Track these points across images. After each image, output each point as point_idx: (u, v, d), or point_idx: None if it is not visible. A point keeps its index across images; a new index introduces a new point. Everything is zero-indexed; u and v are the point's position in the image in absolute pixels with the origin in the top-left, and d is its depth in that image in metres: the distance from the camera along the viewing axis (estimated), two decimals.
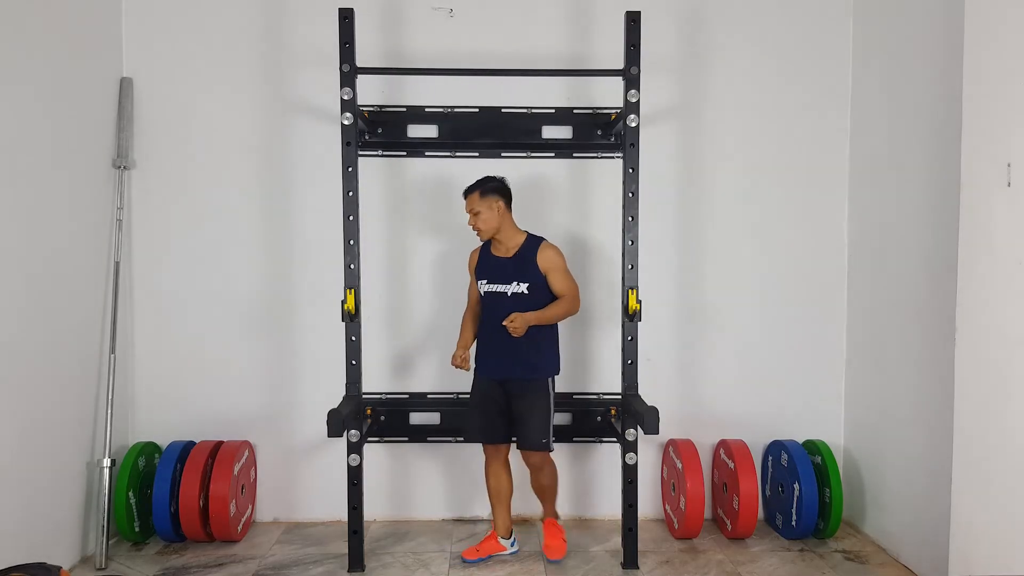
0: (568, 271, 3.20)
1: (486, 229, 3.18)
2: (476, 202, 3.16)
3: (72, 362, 3.24)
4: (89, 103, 3.39)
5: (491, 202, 3.16)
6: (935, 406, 3.02)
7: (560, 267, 3.16)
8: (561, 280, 3.15)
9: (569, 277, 3.19)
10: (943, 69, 2.99)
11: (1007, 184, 2.84)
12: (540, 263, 3.14)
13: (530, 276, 3.14)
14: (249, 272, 3.73)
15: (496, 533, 3.37)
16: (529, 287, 3.14)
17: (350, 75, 3.11)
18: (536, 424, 3.15)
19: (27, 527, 2.91)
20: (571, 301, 3.16)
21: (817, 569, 3.25)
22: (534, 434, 3.15)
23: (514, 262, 3.18)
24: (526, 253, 3.17)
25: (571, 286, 3.17)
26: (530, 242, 3.20)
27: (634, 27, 3.17)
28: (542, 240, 3.22)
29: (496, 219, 3.17)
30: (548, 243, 3.21)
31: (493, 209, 3.16)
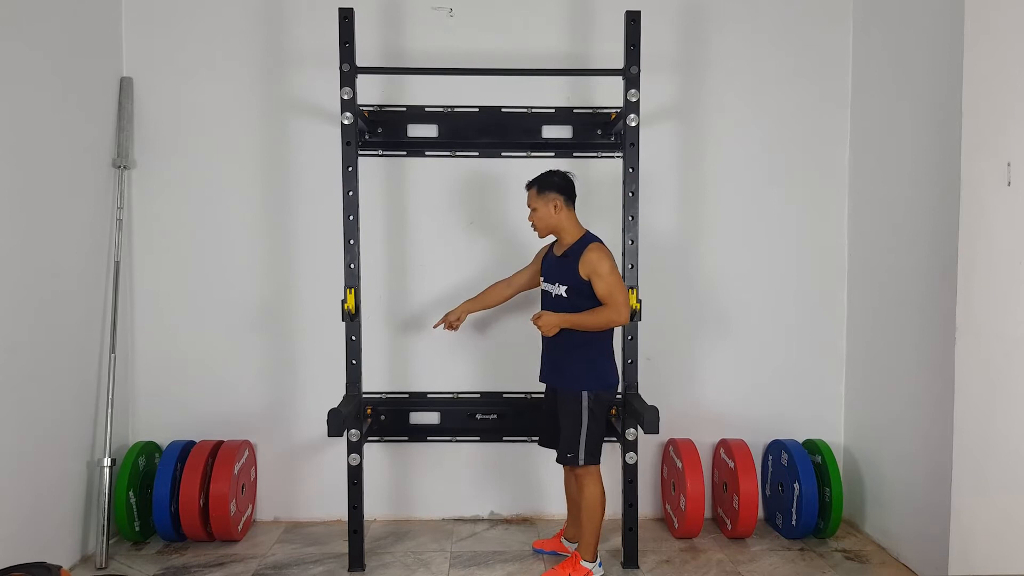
0: (615, 276, 2.92)
1: (541, 227, 3.06)
2: (533, 198, 3.03)
3: (72, 362, 3.24)
4: (89, 102, 3.39)
5: (549, 199, 3.00)
6: (935, 405, 3.02)
7: (602, 272, 2.89)
8: (604, 286, 2.89)
9: (614, 283, 2.90)
10: (943, 69, 2.99)
11: (1007, 183, 2.84)
12: (581, 267, 2.93)
13: (570, 279, 2.96)
14: (249, 271, 3.73)
15: (562, 531, 3.41)
16: (568, 290, 2.97)
17: (350, 75, 3.11)
18: (565, 437, 3.01)
19: (27, 527, 2.91)
20: (612, 310, 2.89)
21: (817, 568, 3.25)
22: (561, 447, 3.04)
23: (561, 262, 3.03)
24: (573, 254, 2.98)
25: (616, 294, 2.89)
26: (580, 243, 2.99)
27: (634, 27, 3.17)
28: (591, 242, 2.98)
29: (552, 217, 3.01)
30: (596, 245, 2.97)
31: (550, 206, 3.00)
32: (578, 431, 2.99)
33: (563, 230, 3.04)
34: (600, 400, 3.01)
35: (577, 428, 2.99)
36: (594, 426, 3.01)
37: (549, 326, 2.93)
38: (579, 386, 3.00)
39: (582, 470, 3.03)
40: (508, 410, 3.75)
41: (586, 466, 3.02)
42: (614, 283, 2.91)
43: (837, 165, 3.81)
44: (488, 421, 3.74)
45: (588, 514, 3.04)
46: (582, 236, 3.03)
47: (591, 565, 3.08)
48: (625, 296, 2.94)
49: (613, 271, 2.93)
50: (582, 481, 3.05)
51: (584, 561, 3.07)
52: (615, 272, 2.94)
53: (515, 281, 3.31)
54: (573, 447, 3.00)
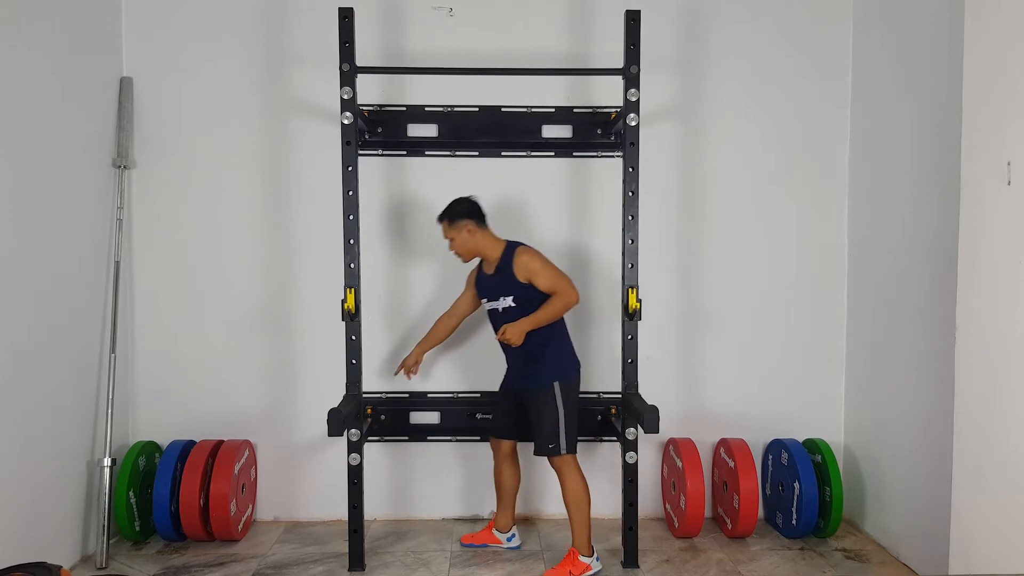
0: (550, 267, 3.09)
1: (463, 253, 3.19)
2: (447, 230, 3.17)
3: (72, 361, 3.24)
4: (89, 102, 3.39)
5: (461, 226, 3.13)
6: (935, 405, 3.02)
7: (538, 268, 3.06)
8: (545, 279, 3.06)
9: (553, 273, 3.07)
10: (943, 69, 2.99)
11: (1007, 183, 2.84)
12: (517, 273, 3.07)
13: (512, 288, 3.10)
14: (249, 271, 3.73)
15: (492, 524, 3.45)
16: (515, 299, 3.10)
17: (350, 74, 3.11)
18: (542, 430, 3.11)
19: (28, 526, 2.92)
20: (563, 296, 3.04)
21: (817, 568, 3.25)
22: (540, 441, 3.13)
23: (496, 277, 3.16)
24: (504, 267, 3.12)
25: (558, 281, 3.06)
26: (506, 253, 3.13)
27: (634, 26, 3.17)
28: (516, 248, 3.13)
29: (471, 241, 3.14)
30: (522, 248, 3.12)
31: (463, 232, 3.13)
32: (556, 422, 3.10)
33: (484, 249, 3.17)
34: (568, 387, 3.14)
35: (555, 419, 3.10)
36: (569, 413, 3.12)
37: (517, 336, 3.03)
38: (548, 379, 3.11)
39: (560, 461, 3.12)
40: None
41: (565, 456, 3.11)
42: (552, 272, 3.08)
43: (837, 165, 3.81)
44: (488, 420, 3.74)
45: (576, 507, 3.11)
46: (504, 247, 3.16)
47: (589, 559, 3.12)
48: (567, 279, 3.10)
49: (546, 262, 3.10)
50: (563, 473, 3.12)
51: (582, 556, 3.11)
52: (548, 262, 3.11)
53: (456, 310, 3.43)
54: (554, 438, 3.10)
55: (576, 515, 3.11)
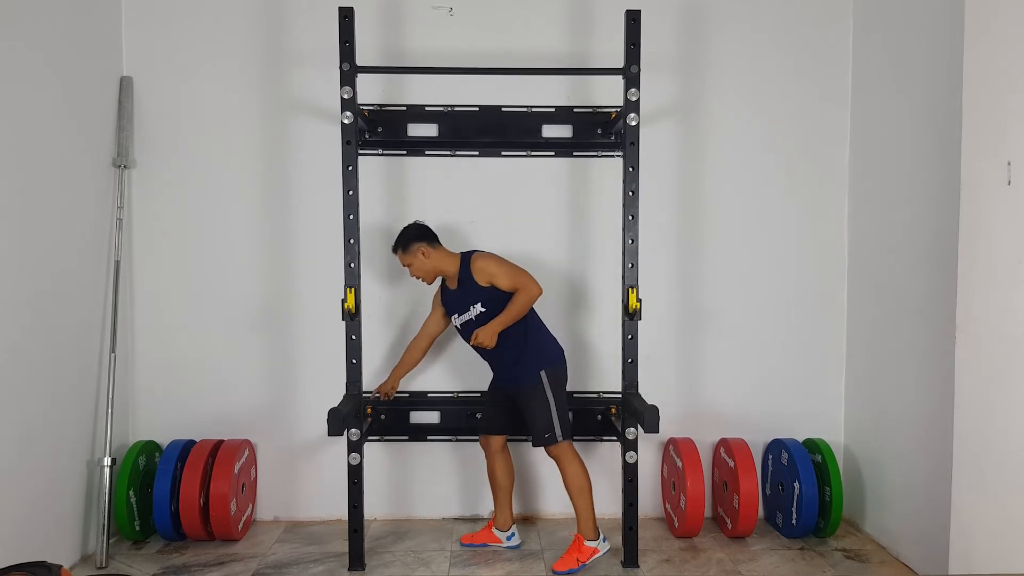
0: (506, 266, 3.13)
1: (424, 275, 3.23)
2: (403, 258, 3.23)
3: (72, 361, 3.24)
4: (89, 102, 3.39)
5: (415, 251, 3.18)
6: (935, 405, 3.02)
7: (496, 270, 3.11)
8: (505, 279, 3.10)
9: (511, 271, 3.11)
10: (943, 68, 2.99)
11: (1007, 183, 2.84)
12: (478, 279, 3.12)
13: (478, 295, 3.15)
14: (249, 270, 3.73)
15: (491, 523, 3.46)
16: (483, 303, 3.15)
17: (350, 74, 3.11)
18: (536, 422, 3.16)
19: (28, 526, 2.92)
20: (525, 290, 3.07)
21: (817, 568, 3.25)
22: (537, 432, 3.18)
23: (461, 290, 3.21)
24: (464, 276, 3.17)
25: (518, 278, 3.10)
26: (463, 264, 3.18)
27: (634, 26, 3.17)
28: (471, 256, 3.18)
29: (427, 264, 3.19)
30: (476, 255, 3.17)
31: (418, 256, 3.18)
32: (548, 410, 3.14)
33: (442, 266, 3.21)
34: (555, 374, 3.19)
35: (546, 408, 3.14)
36: (559, 399, 3.17)
37: (489, 337, 3.08)
38: (534, 371, 3.16)
39: (558, 449, 3.16)
40: None
41: (562, 444, 3.16)
42: (510, 270, 3.12)
43: (837, 165, 3.81)
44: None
45: (578, 493, 3.17)
46: (460, 259, 3.20)
47: (595, 543, 3.19)
48: (526, 273, 3.12)
49: (502, 262, 3.15)
50: (561, 461, 3.18)
51: (588, 541, 3.18)
52: (504, 262, 3.16)
53: (426, 332, 3.46)
54: (548, 427, 3.14)
55: (579, 501, 3.16)
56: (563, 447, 3.16)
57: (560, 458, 3.18)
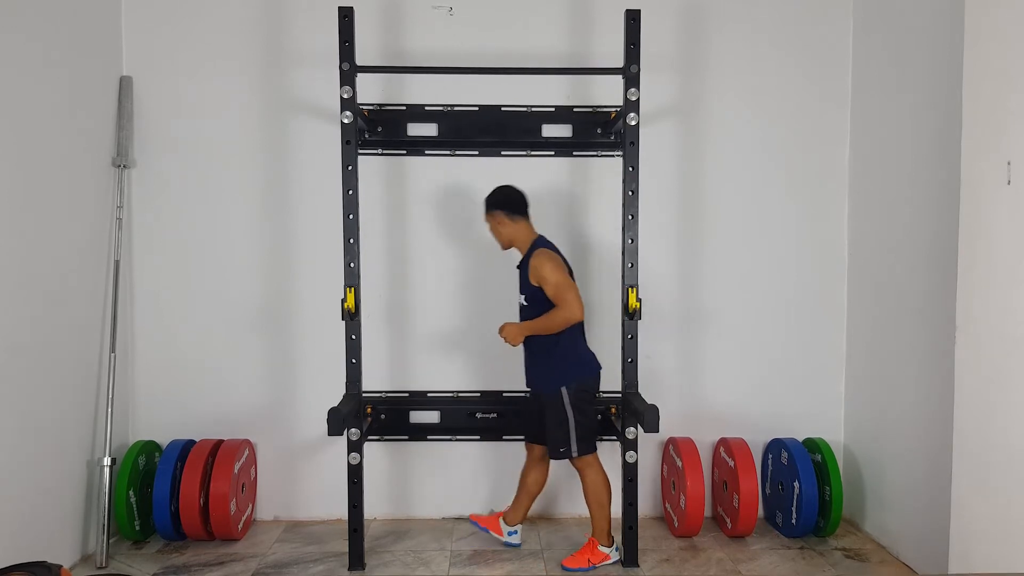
0: (559, 276, 3.02)
1: (500, 243, 3.23)
2: (485, 218, 3.22)
3: (72, 361, 3.24)
4: (89, 101, 3.38)
5: (494, 216, 3.17)
6: (935, 404, 3.02)
7: (547, 276, 3.01)
8: (550, 289, 3.02)
9: (560, 284, 3.01)
10: (943, 68, 2.99)
11: (1007, 182, 2.84)
12: (531, 275, 3.07)
13: (526, 288, 3.12)
14: (249, 270, 3.73)
15: (502, 514, 3.46)
16: (526, 298, 3.13)
17: (350, 73, 3.11)
18: (553, 434, 3.14)
19: (28, 526, 2.91)
20: (562, 309, 2.99)
21: (817, 567, 3.25)
22: (551, 444, 3.17)
23: (520, 273, 3.18)
24: (524, 265, 3.14)
25: (561, 294, 3.00)
26: (529, 251, 3.13)
27: (634, 25, 3.17)
28: (536, 248, 3.11)
29: (501, 232, 3.17)
30: (539, 251, 3.08)
31: (494, 222, 3.17)
32: (566, 426, 3.11)
33: (515, 241, 3.18)
34: (580, 392, 3.12)
35: (564, 424, 3.11)
36: (580, 417, 3.12)
37: (513, 337, 3.07)
38: (556, 384, 3.12)
39: (581, 462, 3.16)
40: (508, 409, 3.75)
41: (586, 457, 3.14)
42: (560, 283, 3.01)
43: (837, 164, 3.81)
44: (488, 420, 3.74)
45: (595, 502, 3.18)
46: (530, 244, 3.15)
47: (608, 549, 3.22)
48: (574, 293, 3.02)
49: (556, 271, 3.02)
50: (582, 472, 3.18)
51: (601, 546, 3.21)
52: (558, 271, 3.03)
53: None
54: (564, 442, 3.12)
55: (595, 509, 3.19)
56: (585, 460, 3.15)
57: (582, 469, 3.18)
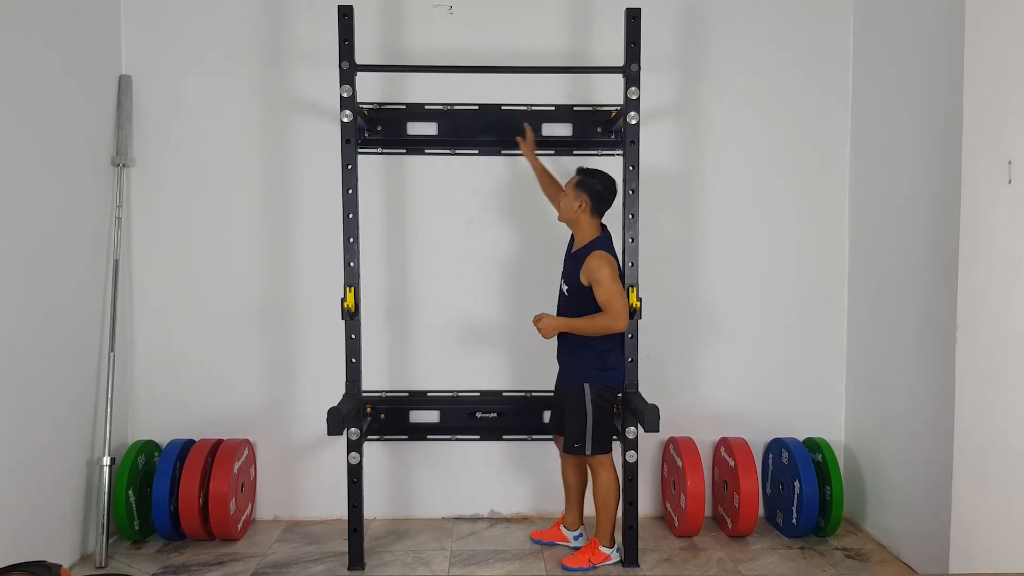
0: (613, 284, 2.99)
1: (561, 212, 3.19)
2: (569, 186, 3.17)
3: (71, 360, 3.23)
4: (88, 101, 3.38)
5: (579, 194, 3.12)
6: (936, 404, 3.02)
7: (602, 279, 2.98)
8: (603, 293, 2.99)
9: (612, 291, 2.98)
10: (943, 66, 2.99)
11: (1008, 181, 2.83)
12: (583, 272, 3.04)
13: (573, 280, 3.10)
14: (249, 269, 3.72)
15: (561, 521, 3.48)
16: (570, 290, 3.13)
17: (349, 72, 3.10)
18: (570, 429, 3.16)
19: (27, 526, 2.91)
20: (610, 317, 2.99)
21: (818, 567, 3.25)
22: (568, 439, 3.19)
23: (571, 262, 3.17)
24: (579, 256, 3.10)
25: (613, 302, 2.98)
26: (588, 247, 3.10)
27: (634, 24, 3.17)
28: (596, 248, 3.07)
29: (573, 211, 3.13)
30: (599, 253, 3.04)
31: (577, 201, 3.11)
32: (583, 423, 3.12)
33: (578, 227, 3.16)
34: (600, 393, 3.14)
35: (582, 420, 3.12)
36: (600, 417, 3.13)
37: (548, 330, 3.07)
38: (581, 380, 3.14)
39: (594, 460, 3.18)
40: (508, 408, 3.74)
41: (600, 456, 3.16)
42: (614, 291, 3.00)
43: (838, 164, 3.80)
44: (488, 419, 3.74)
45: (602, 501, 3.20)
46: (593, 240, 3.12)
47: (609, 550, 3.23)
48: (624, 304, 3.03)
49: (613, 279, 3.01)
50: (594, 471, 3.21)
51: (603, 547, 3.23)
52: (615, 280, 3.02)
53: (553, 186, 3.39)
54: (580, 438, 3.14)
55: (601, 510, 3.21)
56: (599, 459, 3.17)
57: (595, 468, 3.21)
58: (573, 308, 3.10)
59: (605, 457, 3.18)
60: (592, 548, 3.23)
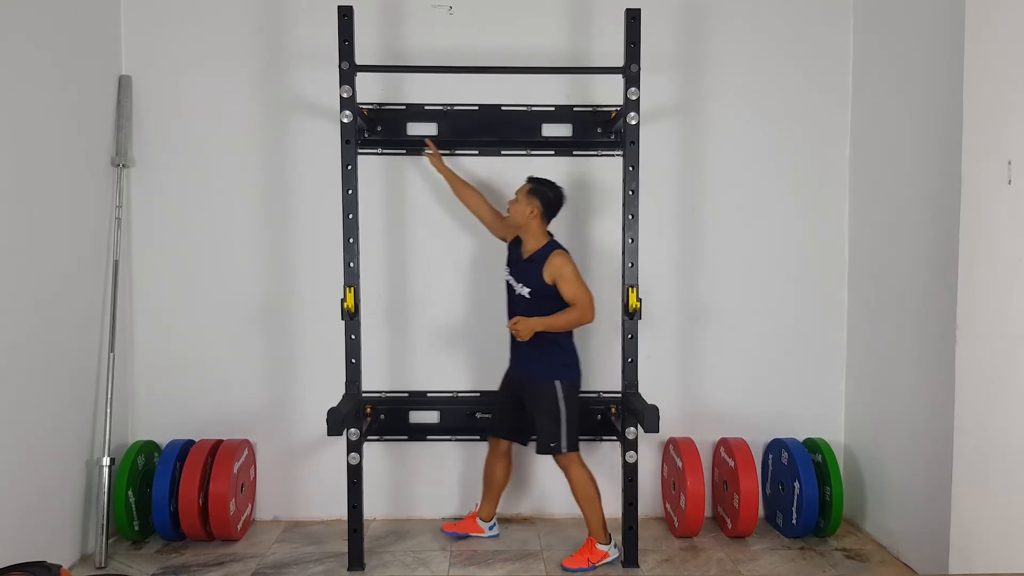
0: (578, 279, 3.14)
1: (512, 216, 3.25)
2: (523, 192, 3.24)
3: (71, 361, 3.23)
4: (88, 101, 3.38)
5: (531, 200, 3.20)
6: (936, 404, 3.02)
7: (567, 276, 3.12)
8: (570, 289, 3.12)
9: (579, 286, 3.13)
10: (943, 67, 2.99)
11: (1007, 182, 2.84)
12: (546, 272, 3.14)
13: (533, 282, 3.17)
14: (248, 270, 3.72)
15: (475, 514, 3.53)
16: (531, 292, 3.18)
17: (349, 73, 3.10)
18: (544, 428, 3.20)
19: (27, 526, 2.91)
20: (581, 311, 3.12)
21: (817, 567, 3.25)
22: (541, 438, 3.23)
23: (526, 265, 3.22)
24: (537, 259, 3.18)
25: (581, 295, 3.12)
26: (544, 249, 3.20)
27: (634, 24, 3.17)
28: (554, 249, 3.19)
29: (524, 217, 3.20)
30: (559, 252, 3.18)
31: (528, 208, 3.19)
32: (558, 421, 3.17)
33: (529, 233, 3.23)
34: (570, 389, 3.22)
35: (556, 417, 3.17)
36: (571, 413, 3.20)
37: (526, 331, 3.11)
38: (552, 377, 3.20)
39: (565, 459, 3.22)
40: None
41: (569, 454, 3.20)
42: (579, 285, 3.13)
43: (837, 163, 3.80)
44: (488, 420, 3.73)
45: (586, 499, 3.23)
46: (546, 244, 3.22)
47: (607, 547, 3.25)
48: (590, 297, 3.14)
49: (576, 274, 3.15)
50: (568, 471, 3.23)
51: (600, 544, 3.24)
52: (578, 275, 3.16)
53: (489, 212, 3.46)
54: (555, 436, 3.18)
55: (587, 509, 3.23)
56: (570, 457, 3.21)
57: (567, 468, 3.23)
58: (535, 308, 3.15)
59: (575, 455, 3.22)
60: (590, 547, 3.24)
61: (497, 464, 3.44)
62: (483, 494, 3.52)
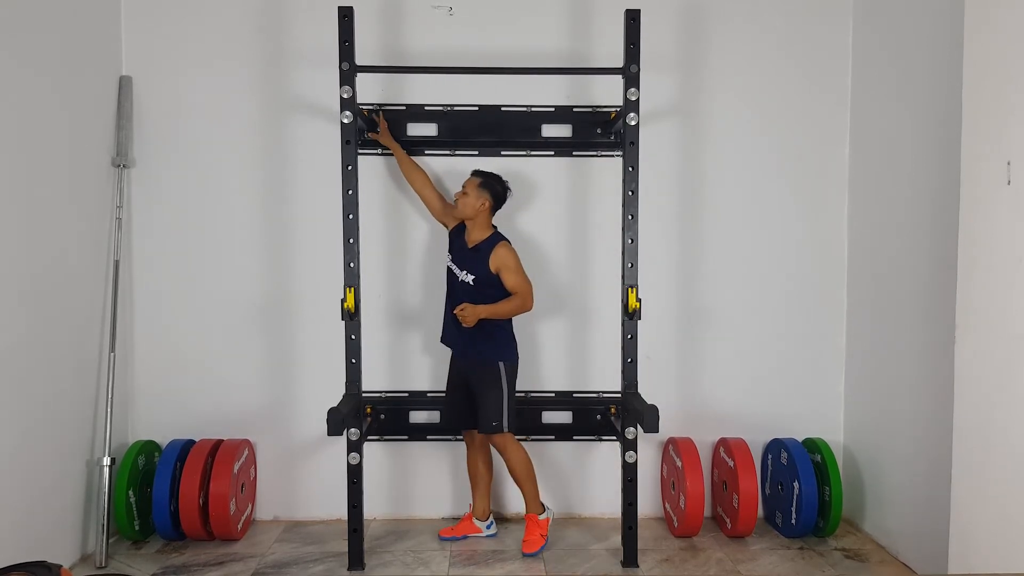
0: (520, 270, 3.30)
1: (462, 209, 3.35)
2: (472, 186, 3.34)
3: (72, 360, 3.23)
4: (88, 101, 3.38)
5: (481, 193, 3.33)
6: (935, 404, 3.02)
7: (510, 266, 3.28)
8: (512, 279, 3.28)
9: (520, 275, 3.30)
10: (943, 67, 2.99)
11: (1007, 182, 2.84)
12: (491, 262, 3.28)
13: (478, 270, 3.30)
14: (249, 270, 3.73)
15: (471, 515, 3.55)
16: (475, 280, 3.30)
17: (349, 73, 3.10)
18: (487, 407, 3.30)
19: (27, 526, 2.91)
20: (522, 299, 3.28)
21: (817, 567, 3.25)
22: (484, 418, 3.31)
23: (471, 253, 3.34)
24: (483, 249, 3.31)
25: (522, 285, 3.29)
26: (490, 240, 3.33)
27: (634, 25, 3.17)
28: (499, 240, 3.33)
29: (474, 209, 3.32)
30: (503, 243, 3.33)
31: (479, 200, 3.32)
32: (500, 400, 3.31)
33: (477, 224, 3.36)
34: (511, 370, 3.37)
35: (499, 397, 3.31)
36: (511, 395, 3.34)
37: (473, 317, 3.24)
38: (496, 358, 3.34)
39: (502, 438, 3.33)
40: None
41: (506, 433, 3.32)
42: (521, 276, 3.31)
43: (837, 164, 3.80)
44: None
45: (524, 477, 3.38)
46: (491, 235, 3.37)
47: (546, 513, 3.45)
48: (530, 287, 3.33)
49: (519, 265, 3.32)
50: (506, 450, 3.35)
51: (540, 516, 3.42)
52: (520, 266, 3.33)
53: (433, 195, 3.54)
54: (497, 415, 3.30)
55: (525, 485, 3.38)
56: (507, 436, 3.33)
57: (505, 447, 3.34)
58: (477, 296, 3.28)
59: (510, 436, 3.34)
60: (534, 523, 3.38)
61: (477, 457, 3.50)
62: (472, 491, 3.56)
